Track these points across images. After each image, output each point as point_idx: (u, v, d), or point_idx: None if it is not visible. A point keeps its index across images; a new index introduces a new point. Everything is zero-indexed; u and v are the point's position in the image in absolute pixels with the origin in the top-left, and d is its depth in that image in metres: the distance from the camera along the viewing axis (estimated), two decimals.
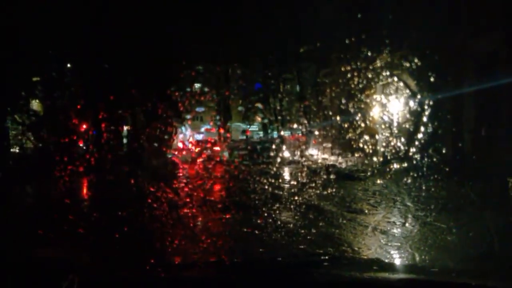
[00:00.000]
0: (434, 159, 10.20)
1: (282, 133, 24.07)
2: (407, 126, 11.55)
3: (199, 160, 13.72)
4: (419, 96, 11.41)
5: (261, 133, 26.33)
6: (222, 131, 18.95)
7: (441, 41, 12.92)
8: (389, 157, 11.17)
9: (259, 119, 25.60)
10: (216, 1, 14.04)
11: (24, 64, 11.35)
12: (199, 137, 25.99)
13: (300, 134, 24.76)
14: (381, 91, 13.25)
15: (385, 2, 14.47)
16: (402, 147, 10.88)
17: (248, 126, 25.50)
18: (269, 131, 24.03)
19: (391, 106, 12.54)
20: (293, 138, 24.43)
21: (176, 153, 15.67)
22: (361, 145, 11.54)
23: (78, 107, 12.16)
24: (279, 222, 7.31)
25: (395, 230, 6.73)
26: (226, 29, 15.24)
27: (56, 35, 10.96)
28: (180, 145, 21.19)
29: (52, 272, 2.50)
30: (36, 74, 13.04)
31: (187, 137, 23.77)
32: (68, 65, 13.31)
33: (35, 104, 15.15)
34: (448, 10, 14.32)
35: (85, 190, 9.94)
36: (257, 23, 16.19)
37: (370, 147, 11.52)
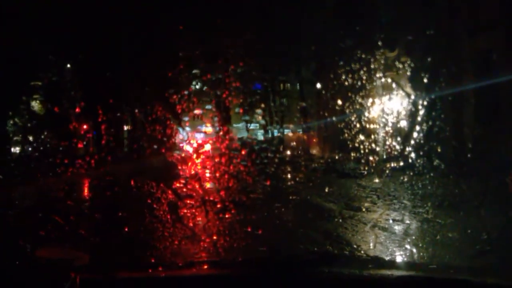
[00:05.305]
0: (432, 158, 10.23)
1: (281, 133, 24.14)
2: (404, 125, 11.58)
3: (198, 160, 13.70)
4: (415, 97, 11.44)
5: (259, 133, 26.39)
6: (221, 133, 18.94)
7: (438, 41, 12.94)
8: (386, 156, 11.22)
9: (259, 118, 25.58)
10: (216, 4, 14.08)
11: (24, 68, 11.38)
12: (198, 137, 25.96)
13: (299, 133, 24.90)
14: (378, 92, 13.28)
15: (381, 3, 14.55)
16: (399, 146, 10.92)
17: (249, 125, 25.46)
18: (269, 131, 24.07)
19: (388, 106, 12.59)
20: (292, 137, 24.53)
21: (174, 153, 15.68)
22: (357, 144, 11.58)
23: (78, 110, 12.20)
24: (278, 221, 7.34)
25: (393, 227, 6.76)
26: (225, 31, 15.31)
27: (56, 39, 11.00)
28: (179, 145, 21.18)
29: (53, 273, 2.51)
30: (36, 78, 13.08)
31: (185, 137, 23.74)
32: (68, 67, 13.33)
33: (36, 106, 15.17)
34: (446, 8, 14.35)
35: (85, 191, 9.95)
36: (256, 26, 16.29)
37: (368, 146, 11.56)
